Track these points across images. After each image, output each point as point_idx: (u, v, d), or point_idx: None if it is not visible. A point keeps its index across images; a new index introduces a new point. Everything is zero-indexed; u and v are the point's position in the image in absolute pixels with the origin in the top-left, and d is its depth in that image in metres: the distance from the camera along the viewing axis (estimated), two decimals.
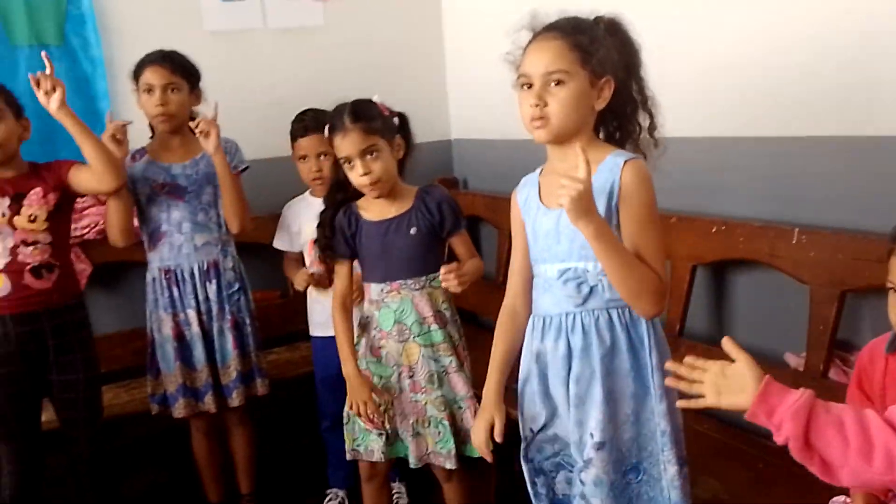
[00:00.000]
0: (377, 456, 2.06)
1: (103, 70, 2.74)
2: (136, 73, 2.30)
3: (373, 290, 2.06)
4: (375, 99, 1.99)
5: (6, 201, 2.07)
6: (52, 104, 2.03)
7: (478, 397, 2.12)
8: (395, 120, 2.01)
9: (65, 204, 2.17)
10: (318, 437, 2.61)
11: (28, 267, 2.09)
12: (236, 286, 2.41)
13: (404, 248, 2.00)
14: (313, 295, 2.51)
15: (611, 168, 1.51)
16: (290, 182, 2.55)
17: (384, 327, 2.05)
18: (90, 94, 2.73)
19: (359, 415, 2.02)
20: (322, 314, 2.51)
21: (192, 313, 2.35)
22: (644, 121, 1.60)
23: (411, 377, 2.03)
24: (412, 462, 2.04)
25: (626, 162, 1.51)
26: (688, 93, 2.25)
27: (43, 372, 2.15)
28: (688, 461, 1.61)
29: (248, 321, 2.43)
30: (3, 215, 2.07)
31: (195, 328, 2.35)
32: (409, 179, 2.08)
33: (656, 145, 1.60)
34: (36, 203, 2.10)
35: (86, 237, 2.68)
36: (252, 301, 2.48)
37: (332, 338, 2.41)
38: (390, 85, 2.11)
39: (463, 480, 2.14)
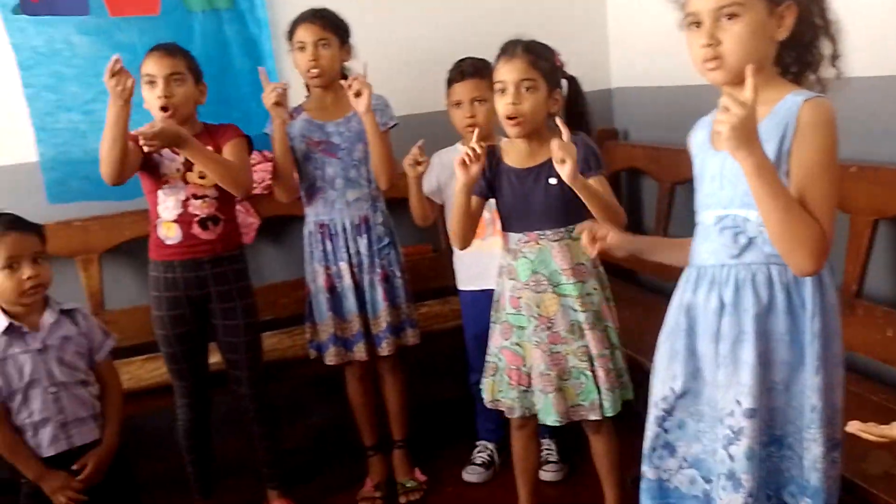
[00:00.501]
0: (517, 412, 2.06)
1: (268, 31, 2.85)
2: (290, 33, 2.38)
3: (511, 238, 2.04)
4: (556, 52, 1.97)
5: (181, 158, 2.23)
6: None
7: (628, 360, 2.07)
8: (564, 83, 1.97)
9: None
10: (467, 389, 2.64)
11: (196, 219, 2.25)
12: (386, 241, 2.46)
13: (543, 198, 1.96)
14: (458, 251, 2.51)
15: (788, 107, 1.35)
16: (440, 136, 2.55)
17: (522, 277, 2.01)
18: (256, 55, 2.85)
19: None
20: (468, 269, 2.52)
21: (343, 266, 2.42)
22: (826, 49, 1.42)
23: (549, 328, 1.99)
24: (554, 419, 2.00)
25: (805, 101, 1.34)
26: (874, 28, 2.00)
27: (207, 316, 2.32)
28: (844, 442, 1.45)
29: (398, 274, 2.48)
30: (178, 171, 2.24)
31: (347, 280, 2.42)
32: None
33: (838, 76, 1.42)
34: None
35: (254, 192, 2.83)
36: (401, 255, 2.52)
37: (481, 291, 2.46)
38: (548, 32, 2.03)
39: (611, 433, 2.09)
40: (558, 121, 1.82)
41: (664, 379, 1.57)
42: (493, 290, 2.46)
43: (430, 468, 2.63)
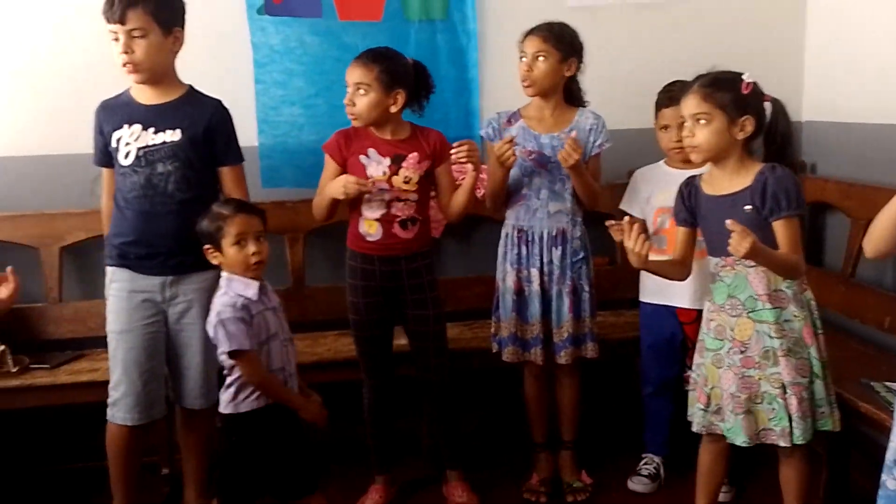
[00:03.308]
0: (695, 427, 2.15)
1: (476, 42, 3.02)
2: (522, 41, 2.48)
3: (711, 262, 2.14)
4: (746, 77, 2.02)
5: (387, 161, 2.39)
6: (467, 180, 2.40)
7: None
8: (767, 105, 2.04)
9: (433, 170, 2.45)
10: (637, 400, 2.71)
11: (398, 219, 2.41)
12: (581, 255, 2.54)
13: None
14: None
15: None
16: (644, 152, 2.65)
17: (717, 300, 2.09)
18: (462, 64, 3.03)
19: None
20: (654, 282, 2.58)
21: (535, 272, 2.52)
22: None
23: (742, 352, 2.04)
24: (742, 440, 2.05)
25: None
26: None
27: (398, 306, 2.49)
28: None
29: (586, 288, 2.55)
30: (384, 174, 2.39)
31: (535, 286, 2.52)
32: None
33: None
34: (412, 167, 2.39)
35: None
36: (593, 269, 2.60)
37: (663, 306, 2.54)
38: (743, 60, 2.11)
39: (803, 461, 2.11)
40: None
41: None
42: (673, 306, 2.54)
43: (596, 473, 2.70)
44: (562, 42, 2.44)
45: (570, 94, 2.55)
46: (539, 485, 2.65)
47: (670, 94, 2.49)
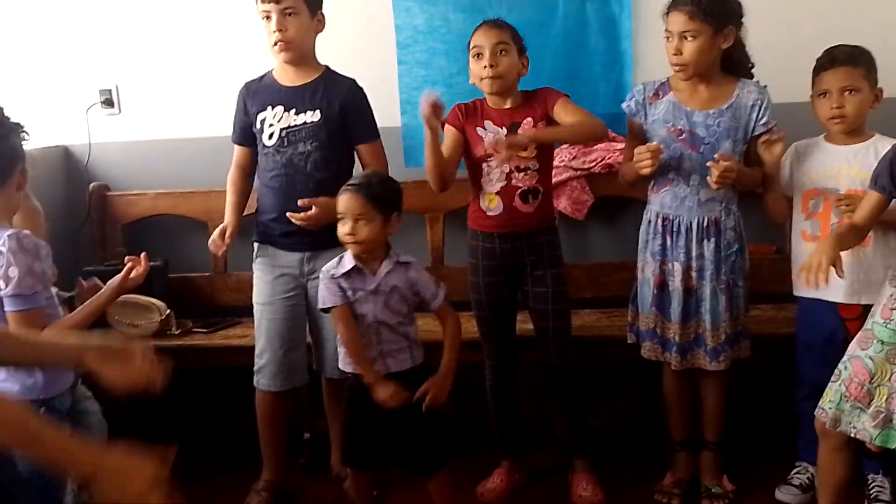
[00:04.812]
0: (841, 426, 1.90)
1: (629, 11, 2.85)
2: (665, 16, 2.27)
3: None
4: None
5: (504, 131, 2.32)
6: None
7: None
8: None
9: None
10: (792, 404, 2.44)
11: (518, 191, 2.33)
12: (735, 247, 2.32)
13: None
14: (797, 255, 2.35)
15: None
16: (801, 128, 2.36)
17: None
18: (614, 35, 2.87)
19: None
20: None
21: (678, 267, 2.32)
22: None
23: None
24: (878, 441, 1.81)
25: None
26: None
27: (519, 284, 2.41)
28: None
29: (740, 283, 2.33)
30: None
31: (678, 282, 2.32)
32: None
33: None
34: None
35: (592, 170, 2.86)
36: (748, 260, 2.38)
37: (821, 301, 2.26)
38: None
39: None
40: None
41: None
42: (834, 302, 2.25)
43: (740, 479, 2.49)
44: (711, 13, 2.17)
45: (730, 63, 2.29)
46: (673, 486, 2.47)
47: (832, 56, 2.20)
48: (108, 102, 3.15)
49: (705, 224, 2.29)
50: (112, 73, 3.15)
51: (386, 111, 2.95)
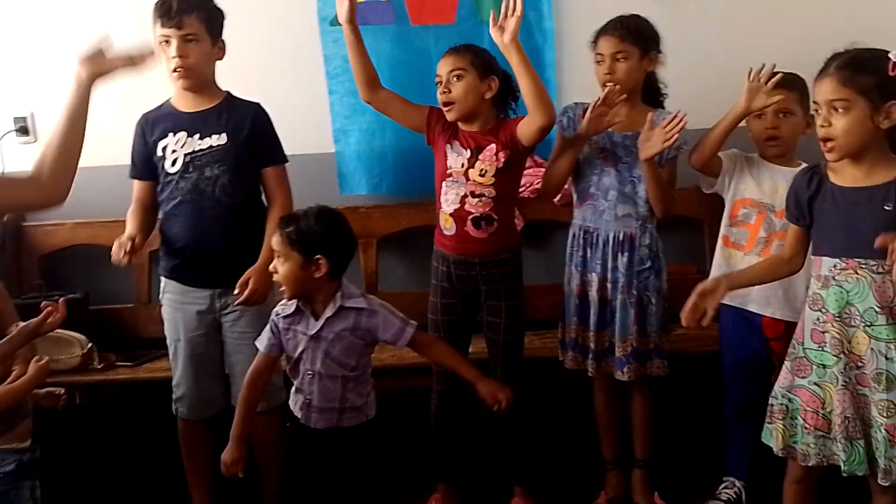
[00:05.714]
0: (812, 460, 1.89)
1: (552, 42, 2.93)
2: (594, 43, 2.38)
3: (824, 264, 1.89)
4: (893, 56, 1.77)
5: (467, 153, 2.34)
6: (506, 37, 2.19)
7: None
8: None
9: (514, 163, 2.35)
10: (717, 419, 2.51)
11: (470, 216, 2.34)
12: (648, 264, 2.40)
13: (872, 223, 1.77)
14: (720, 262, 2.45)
15: None
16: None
17: (830, 309, 1.86)
18: (539, 64, 2.91)
19: None
20: None
21: (595, 277, 2.40)
22: None
23: (859, 367, 1.82)
24: (865, 469, 1.85)
25: None
26: None
27: (475, 310, 2.42)
28: None
29: (653, 300, 2.40)
30: (462, 166, 2.34)
31: (594, 292, 2.40)
32: None
33: None
34: (488, 159, 2.33)
35: (521, 195, 2.90)
36: (665, 281, 2.44)
37: (743, 313, 2.36)
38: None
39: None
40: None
41: None
42: (757, 314, 2.32)
43: (670, 494, 2.54)
44: (640, 37, 2.33)
45: (647, 91, 2.43)
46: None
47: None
48: (24, 130, 3.05)
49: (621, 238, 2.38)
50: (27, 100, 3.04)
51: (319, 139, 2.96)
